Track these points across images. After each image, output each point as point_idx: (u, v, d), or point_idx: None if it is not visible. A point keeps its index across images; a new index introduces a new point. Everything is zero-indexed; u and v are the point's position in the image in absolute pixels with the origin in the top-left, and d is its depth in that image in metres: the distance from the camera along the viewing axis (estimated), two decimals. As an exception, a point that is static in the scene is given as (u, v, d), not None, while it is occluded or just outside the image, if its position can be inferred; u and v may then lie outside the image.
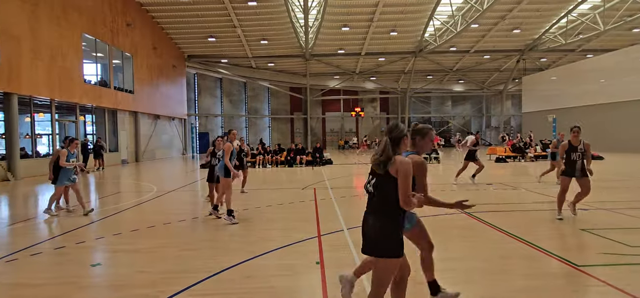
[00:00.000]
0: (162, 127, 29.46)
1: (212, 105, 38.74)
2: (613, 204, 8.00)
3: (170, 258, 5.06)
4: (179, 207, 9.16)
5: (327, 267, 4.59)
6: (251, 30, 28.47)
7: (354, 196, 9.98)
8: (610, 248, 5.10)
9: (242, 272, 4.49)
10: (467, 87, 43.71)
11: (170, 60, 29.99)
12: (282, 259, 4.94)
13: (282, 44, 31.64)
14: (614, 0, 24.31)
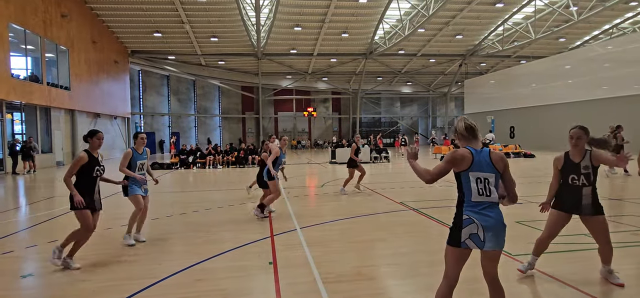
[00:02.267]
0: (103, 126, 27.53)
1: (159, 104, 36.95)
2: (543, 198, 8.74)
3: (110, 266, 4.75)
4: (121, 211, 8.63)
5: (280, 267, 4.57)
6: (200, 26, 27.55)
7: (306, 196, 10.02)
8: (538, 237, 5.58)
9: (191, 276, 4.34)
10: (414, 89, 45.61)
11: (111, 56, 28.16)
12: (233, 261, 4.84)
13: (233, 42, 30.97)
14: (543, 12, 26.64)
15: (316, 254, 4.99)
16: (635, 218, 6.61)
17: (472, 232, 2.65)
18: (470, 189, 2.70)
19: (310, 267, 4.53)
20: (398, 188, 10.85)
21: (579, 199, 3.94)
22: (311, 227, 6.45)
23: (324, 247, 5.37)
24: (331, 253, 5.09)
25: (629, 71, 22.72)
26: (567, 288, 3.81)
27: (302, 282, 4.09)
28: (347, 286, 3.98)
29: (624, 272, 4.24)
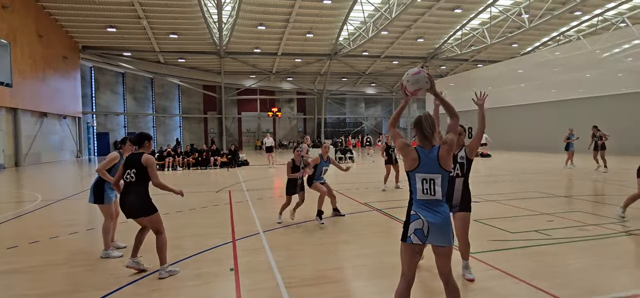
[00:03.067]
0: (51, 127, 25.85)
1: (113, 103, 35.15)
2: (498, 196, 9.19)
3: (57, 277, 4.43)
4: (70, 217, 8.10)
5: (242, 272, 4.46)
6: (159, 22, 26.53)
7: (270, 198, 9.90)
8: (495, 235, 5.83)
9: (147, 286, 4.13)
10: (378, 90, 46.52)
11: (60, 51, 26.44)
12: (193, 268, 4.66)
13: (194, 40, 30.10)
14: (498, 18, 28.04)
15: (279, 258, 4.92)
16: (582, 214, 7.06)
17: (417, 227, 2.77)
18: (416, 188, 2.85)
19: (273, 271, 4.45)
20: (363, 189, 10.97)
21: None
22: (275, 230, 6.35)
23: (287, 250, 5.31)
24: (295, 257, 5.04)
25: (574, 76, 24.44)
26: (521, 283, 3.98)
27: (264, 288, 4.01)
28: (310, 290, 3.95)
29: (571, 265, 4.51)
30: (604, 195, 9.64)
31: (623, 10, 27.76)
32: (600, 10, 27.93)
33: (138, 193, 4.34)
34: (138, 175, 4.34)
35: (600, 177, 12.56)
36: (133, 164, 4.35)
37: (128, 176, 4.36)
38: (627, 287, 3.89)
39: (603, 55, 23.34)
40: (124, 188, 4.41)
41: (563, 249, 5.14)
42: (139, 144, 4.50)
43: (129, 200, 4.34)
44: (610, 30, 28.64)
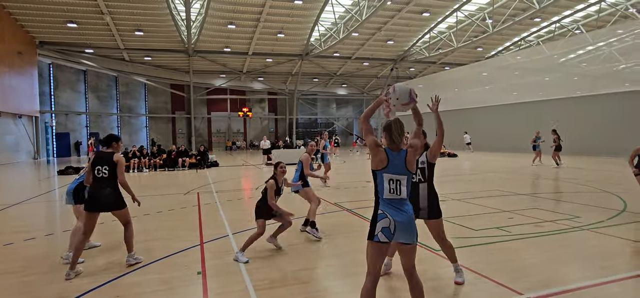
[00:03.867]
0: (5, 126, 24.37)
1: (74, 102, 33.53)
2: (463, 195, 9.53)
3: (12, 287, 4.20)
4: (27, 223, 7.69)
5: (210, 276, 4.40)
6: (123, 19, 25.59)
7: (239, 199, 9.79)
8: (460, 232, 6.05)
9: (108, 292, 3.99)
10: (349, 91, 46.98)
11: (14, 46, 24.94)
12: (159, 273, 4.55)
13: (161, 37, 29.25)
14: (464, 23, 29.05)
15: (248, 261, 4.89)
16: (540, 211, 7.45)
17: (385, 225, 2.87)
18: (383, 188, 2.95)
19: (242, 274, 4.42)
20: (333, 189, 11.07)
21: None
22: (245, 232, 6.30)
23: (257, 252, 5.28)
24: (264, 259, 5.02)
25: (534, 79, 25.70)
26: (482, 278, 4.17)
27: (232, 291, 3.98)
28: (279, 292, 3.95)
29: (528, 260, 4.76)
30: (560, 193, 10.20)
31: (578, 17, 29.48)
32: (557, 17, 29.54)
33: (112, 188, 4.67)
34: (110, 171, 4.64)
35: (558, 175, 13.28)
36: (104, 162, 4.64)
37: (99, 172, 4.62)
38: (578, 279, 4.15)
39: (560, 60, 24.69)
40: (95, 184, 4.64)
41: (521, 245, 5.41)
42: (108, 144, 4.83)
43: (103, 195, 4.61)
44: (566, 36, 30.35)
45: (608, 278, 4.10)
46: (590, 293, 3.79)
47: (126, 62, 34.06)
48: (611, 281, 4.05)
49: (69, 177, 15.91)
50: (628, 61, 21.36)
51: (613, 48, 22.49)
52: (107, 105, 35.99)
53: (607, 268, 4.44)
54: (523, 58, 28.49)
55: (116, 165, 4.68)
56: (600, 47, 23.12)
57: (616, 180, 11.46)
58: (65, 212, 8.77)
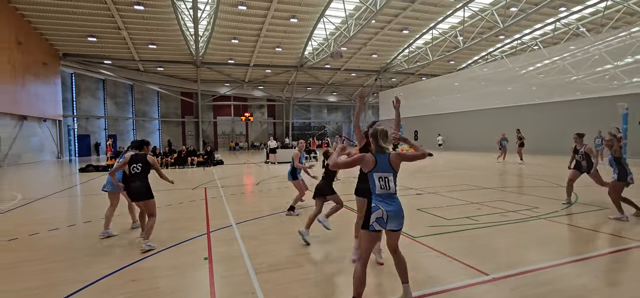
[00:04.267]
0: (31, 129, 23.88)
1: (94, 107, 33.02)
2: (438, 188, 9.58)
3: (36, 273, 4.12)
4: (51, 215, 7.54)
5: (216, 262, 4.36)
6: (138, 33, 25.27)
7: (242, 194, 9.72)
8: (435, 222, 6.09)
9: (124, 277, 3.93)
10: (339, 98, 47.00)
11: (40, 57, 24.48)
12: (169, 259, 4.50)
13: (171, 50, 28.94)
14: (438, 39, 29.26)
15: (250, 247, 4.86)
16: (504, 203, 7.52)
17: (378, 216, 3.02)
18: (375, 185, 3.10)
19: (244, 259, 4.39)
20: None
21: None
22: (247, 222, 6.27)
23: (257, 240, 5.25)
24: (264, 245, 4.99)
25: (498, 89, 25.98)
26: (454, 261, 4.19)
27: (235, 274, 3.95)
28: (277, 275, 3.93)
29: (494, 245, 4.80)
30: (522, 187, 10.30)
31: (536, 35, 29.90)
32: (519, 34, 29.93)
33: (142, 181, 5.04)
34: (142, 168, 5.11)
35: (520, 171, 13.43)
36: (139, 161, 5.14)
37: (134, 169, 5.07)
38: (536, 261, 4.19)
39: (521, 72, 25.00)
40: (130, 178, 5.10)
41: (488, 232, 5.46)
42: (140, 148, 5.38)
43: (135, 187, 5.02)
44: (526, 51, 30.75)
45: (560, 261, 4.16)
46: (546, 273, 3.84)
47: (141, 72, 33.65)
48: (563, 263, 4.11)
49: (89, 174, 15.67)
50: (579, 73, 21.71)
51: (566, 61, 22.84)
52: (123, 110, 35.51)
53: (559, 252, 4.50)
54: (489, 70, 28.79)
55: (149, 163, 5.16)
56: (555, 60, 23.47)
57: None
58: (87, 205, 8.64)
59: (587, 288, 3.46)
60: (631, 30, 20.49)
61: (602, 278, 3.72)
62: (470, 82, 28.92)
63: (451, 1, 23.29)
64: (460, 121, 28.83)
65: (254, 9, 23.16)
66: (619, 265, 4.07)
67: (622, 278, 3.73)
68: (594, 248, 4.63)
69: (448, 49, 30.23)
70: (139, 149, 5.40)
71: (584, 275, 3.79)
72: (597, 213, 6.46)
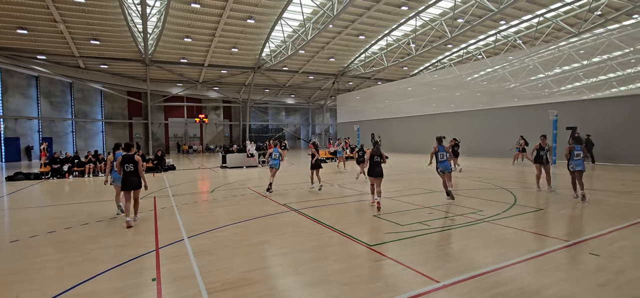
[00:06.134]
0: (-56, 132, 20.86)
1: (25, 107, 29.71)
2: (394, 193, 9.90)
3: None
4: None
5: (165, 282, 4.09)
6: (78, 28, 23.24)
7: (195, 202, 9.28)
8: (390, 228, 6.25)
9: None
10: (297, 101, 46.96)
11: (-44, 50, 21.51)
12: (111, 282, 4.14)
13: (117, 47, 26.98)
14: (392, 46, 30.41)
15: (203, 264, 4.63)
16: (453, 207, 7.94)
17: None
18: None
19: (196, 278, 4.17)
20: (281, 191, 10.91)
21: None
22: (199, 235, 5.98)
23: (211, 255, 5.02)
24: (218, 261, 4.79)
25: (447, 94, 27.59)
26: (407, 270, 4.33)
27: (186, 296, 3.73)
28: (231, 293, 3.78)
29: (445, 250, 5.04)
30: (468, 189, 10.97)
31: (480, 45, 32.25)
32: (464, 44, 32.08)
33: (136, 176, 6.88)
34: (134, 166, 6.86)
35: (466, 174, 14.32)
36: (130, 160, 6.86)
37: (128, 167, 6.82)
38: (487, 264, 4.46)
39: (467, 79, 26.78)
40: (127, 174, 6.81)
41: (440, 237, 5.73)
42: (129, 149, 6.98)
43: (130, 181, 6.79)
44: (471, 60, 33.03)
45: (503, 264, 4.47)
46: (494, 276, 4.10)
47: (81, 69, 30.95)
48: (506, 266, 4.42)
49: (18, 183, 14.07)
50: (516, 81, 23.76)
51: (506, 70, 24.88)
52: (61, 110, 32.36)
53: (502, 254, 4.84)
54: (439, 77, 30.49)
55: (137, 162, 6.87)
56: (496, 69, 25.46)
57: (509, 178, 12.65)
58: (14, 221, 7.71)
59: (526, 291, 3.75)
60: (559, 43, 22.85)
61: (543, 276, 4.05)
62: (422, 88, 30.39)
63: (404, 10, 24.31)
64: (413, 125, 30.16)
65: (208, 8, 22.37)
66: (554, 264, 4.47)
67: (559, 277, 4.09)
68: (534, 248, 5.03)
69: (402, 56, 31.54)
70: (127, 150, 6.96)
71: (526, 275, 4.09)
72: (535, 214, 7.06)
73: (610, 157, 16.27)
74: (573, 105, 18.87)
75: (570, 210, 7.55)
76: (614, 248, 4.94)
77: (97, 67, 31.06)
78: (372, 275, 4.20)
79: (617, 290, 3.70)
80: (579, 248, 4.96)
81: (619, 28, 21.05)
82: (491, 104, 23.97)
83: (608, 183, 10.71)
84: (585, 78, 21.17)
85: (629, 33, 19.56)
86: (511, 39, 29.86)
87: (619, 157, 16.24)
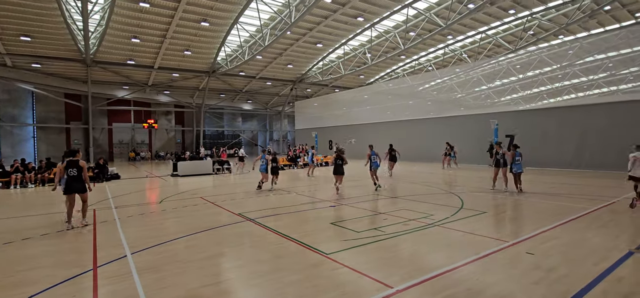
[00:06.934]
0: None
1: (-64, 108, 25.98)
2: (348, 200, 10.05)
3: None
4: None
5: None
6: (4, 22, 20.91)
7: (141, 214, 8.68)
8: (345, 235, 6.31)
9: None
10: (254, 106, 46.22)
11: None
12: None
13: (53, 45, 24.66)
14: (349, 55, 31.18)
15: (148, 282, 4.32)
16: (405, 212, 8.24)
17: None
18: None
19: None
20: (238, 200, 10.60)
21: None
22: (145, 250, 5.58)
23: (157, 272, 4.70)
24: (166, 278, 4.49)
25: (401, 103, 28.83)
26: (364, 277, 4.38)
27: (128, 319, 3.44)
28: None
29: (398, 256, 5.19)
30: (421, 194, 11.47)
31: (430, 58, 34.22)
32: (416, 56, 33.83)
33: (80, 181, 7.19)
34: (78, 171, 7.18)
35: (418, 179, 14.95)
36: (74, 166, 7.16)
37: (72, 172, 7.12)
38: (437, 267, 4.65)
39: (419, 89, 28.21)
40: (70, 179, 7.10)
41: (393, 242, 5.89)
42: (73, 154, 7.25)
43: (74, 186, 7.11)
44: (423, 71, 34.90)
45: (452, 266, 4.71)
46: (444, 278, 4.29)
47: (9, 68, 27.82)
48: (454, 268, 4.65)
49: None
50: (463, 92, 25.50)
51: (453, 82, 26.61)
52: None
53: (451, 257, 5.09)
54: (393, 86, 31.80)
55: (82, 167, 7.23)
56: (445, 80, 27.15)
57: (458, 182, 13.45)
58: None
59: (472, 291, 3.97)
60: (499, 58, 24.95)
61: (487, 276, 4.31)
62: (377, 96, 31.45)
63: (360, 21, 25.08)
64: (369, 132, 31.02)
65: (159, 8, 21.33)
66: (496, 264, 4.78)
67: (501, 276, 4.38)
68: (479, 250, 5.35)
69: (358, 64, 32.44)
70: (72, 155, 7.22)
71: (472, 276, 4.33)
72: (480, 217, 7.55)
73: (541, 163, 17.98)
74: (511, 115, 20.62)
75: (509, 212, 8.19)
76: (546, 247, 5.43)
77: (27, 66, 28.12)
78: (328, 285, 4.19)
79: (548, 287, 4.04)
80: (517, 249, 5.38)
81: (547, 47, 23.51)
82: (441, 112, 25.42)
83: (539, 186, 11.80)
84: (521, 90, 23.31)
85: (556, 51, 21.92)
86: (458, 52, 32.05)
87: (548, 163, 18.01)
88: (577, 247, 5.43)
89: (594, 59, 22.40)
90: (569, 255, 5.06)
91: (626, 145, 14.09)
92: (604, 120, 16.55)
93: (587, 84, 23.36)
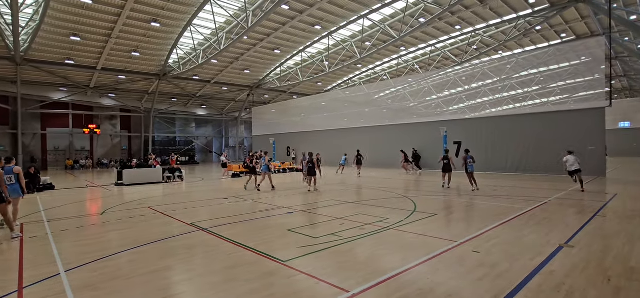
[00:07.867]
0: None
1: None
2: (305, 206, 10.03)
3: None
4: None
5: (29, 330, 3.33)
6: None
7: (79, 227, 7.93)
8: (303, 241, 6.28)
9: None
10: (209, 112, 44.71)
11: None
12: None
13: (-26, 39, 21.95)
14: (307, 62, 31.43)
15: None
16: (362, 216, 8.39)
17: None
18: None
19: (75, 319, 3.51)
20: (190, 209, 10.12)
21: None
22: (82, 267, 5.09)
23: (96, 290, 4.30)
24: (106, 296, 4.12)
25: (358, 111, 29.59)
26: (321, 283, 4.37)
27: (59, 344, 3.09)
28: (121, 332, 3.27)
29: (354, 260, 5.24)
30: (376, 199, 11.78)
31: (385, 67, 35.60)
32: (372, 65, 35.01)
33: None
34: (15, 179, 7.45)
35: (372, 185, 15.38)
36: (10, 173, 7.39)
37: (9, 179, 7.30)
38: (391, 269, 4.76)
39: (375, 97, 29.16)
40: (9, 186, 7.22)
41: (350, 247, 5.95)
42: (9, 162, 7.55)
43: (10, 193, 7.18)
44: (378, 80, 36.18)
45: (405, 267, 4.86)
46: (396, 281, 4.40)
47: None
48: (407, 269, 4.81)
49: None
50: (415, 101, 26.80)
51: (406, 91, 27.87)
52: None
53: (404, 258, 5.26)
54: (350, 94, 32.57)
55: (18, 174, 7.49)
56: (398, 89, 28.36)
57: (410, 187, 14.02)
58: None
59: (423, 291, 4.12)
60: (447, 70, 26.64)
61: (437, 276, 4.50)
62: (335, 103, 31.98)
63: (318, 29, 25.42)
64: (327, 139, 31.39)
65: (103, 5, 19.97)
66: (445, 263, 5.02)
67: (449, 275, 4.59)
68: (430, 250, 5.58)
69: (316, 72, 32.78)
70: (8, 162, 7.54)
71: (424, 276, 4.50)
72: (431, 219, 7.91)
73: (485, 168, 19.40)
74: (458, 123, 22.04)
75: (457, 214, 8.68)
76: (490, 245, 5.82)
77: (-59, 62, 24.75)
78: (284, 293, 4.12)
79: (492, 282, 4.32)
80: (464, 248, 5.70)
81: (489, 60, 25.59)
82: (395, 120, 26.47)
83: (484, 189, 12.70)
84: (467, 100, 25.04)
85: (496, 65, 23.90)
86: (410, 63, 33.72)
87: (491, 167, 19.48)
88: (516, 244, 5.89)
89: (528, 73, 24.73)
90: (510, 251, 5.47)
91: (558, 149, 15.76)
92: (538, 128, 18.29)
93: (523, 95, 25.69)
